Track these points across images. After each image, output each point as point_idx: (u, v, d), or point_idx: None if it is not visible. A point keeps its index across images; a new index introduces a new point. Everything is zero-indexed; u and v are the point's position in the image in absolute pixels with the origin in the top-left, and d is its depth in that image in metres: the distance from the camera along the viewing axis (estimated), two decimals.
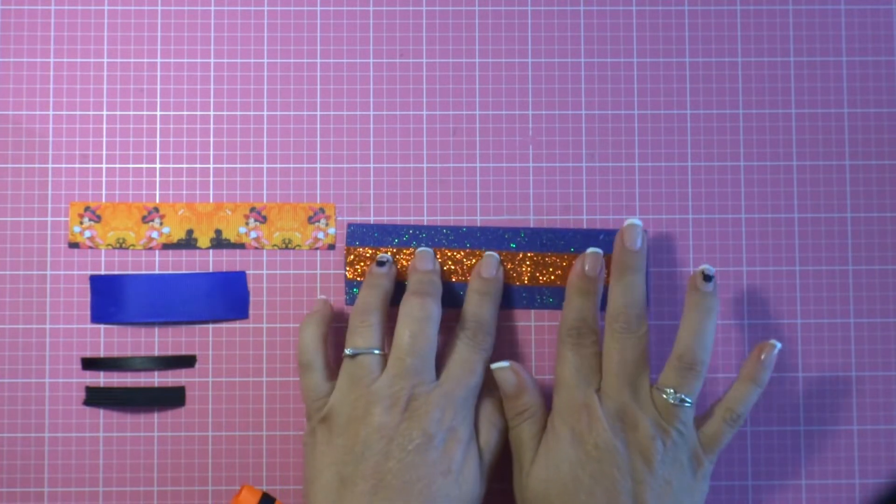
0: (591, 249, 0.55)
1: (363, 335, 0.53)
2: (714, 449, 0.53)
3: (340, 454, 0.51)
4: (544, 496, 0.52)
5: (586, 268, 0.55)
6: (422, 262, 0.56)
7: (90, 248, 0.58)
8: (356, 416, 0.52)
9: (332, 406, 0.52)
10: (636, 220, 0.55)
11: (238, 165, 0.58)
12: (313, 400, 0.53)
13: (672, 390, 0.52)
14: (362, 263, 0.58)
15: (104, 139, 0.58)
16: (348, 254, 0.58)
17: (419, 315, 0.53)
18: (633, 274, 0.54)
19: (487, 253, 0.57)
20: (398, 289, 0.57)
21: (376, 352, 0.53)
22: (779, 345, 0.54)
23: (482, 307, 0.55)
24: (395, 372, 0.52)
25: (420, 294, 0.53)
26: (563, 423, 0.52)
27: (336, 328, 0.57)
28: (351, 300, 0.57)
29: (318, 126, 0.58)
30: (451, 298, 0.57)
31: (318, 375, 0.54)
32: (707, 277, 0.54)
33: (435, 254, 0.57)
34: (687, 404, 0.52)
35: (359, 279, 0.57)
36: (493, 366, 0.54)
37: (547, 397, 0.56)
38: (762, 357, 0.53)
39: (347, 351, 0.53)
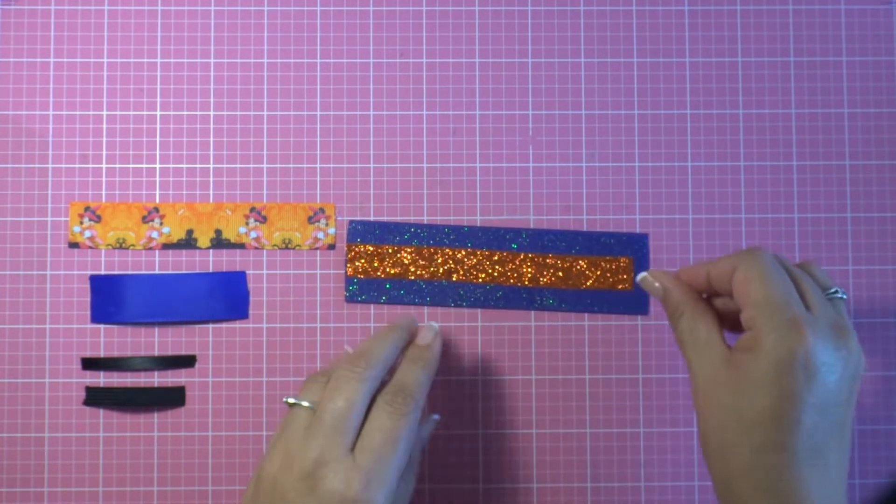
0: None
1: (311, 390, 0.49)
2: None
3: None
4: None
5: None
6: (423, 336, 0.53)
7: (90, 248, 0.58)
8: (274, 471, 0.47)
9: (265, 455, 0.49)
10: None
11: (238, 165, 0.58)
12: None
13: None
14: (363, 261, 0.58)
15: (104, 139, 0.58)
16: (349, 251, 0.58)
17: (348, 375, 0.49)
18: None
19: (427, 324, 0.54)
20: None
21: (311, 407, 0.49)
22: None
23: (408, 373, 0.51)
24: (312, 432, 0.47)
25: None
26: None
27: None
28: (350, 297, 0.57)
29: (318, 126, 0.58)
30: (449, 298, 0.57)
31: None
32: None
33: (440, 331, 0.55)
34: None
35: (359, 276, 0.58)
36: (637, 277, 0.51)
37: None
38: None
39: (288, 400, 0.49)
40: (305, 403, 0.48)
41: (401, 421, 0.48)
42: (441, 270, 0.58)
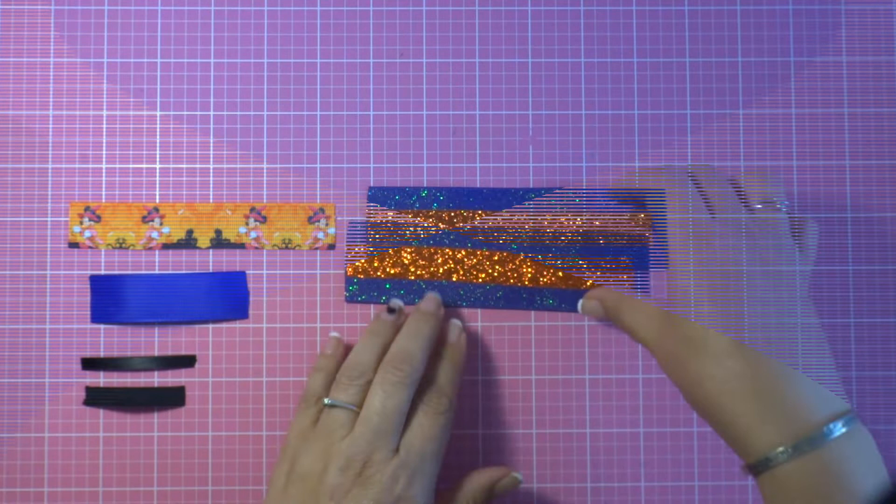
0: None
1: (348, 391, 0.52)
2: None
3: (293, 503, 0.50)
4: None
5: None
6: (426, 303, 0.56)
7: (90, 248, 0.58)
8: (315, 469, 0.50)
9: (298, 451, 0.51)
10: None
11: (238, 165, 0.58)
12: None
13: None
14: (363, 261, 0.58)
15: (104, 139, 0.58)
16: (349, 251, 0.58)
17: (394, 379, 0.52)
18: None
19: (451, 322, 0.56)
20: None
21: (353, 408, 0.52)
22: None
23: (442, 373, 0.54)
24: (359, 432, 0.51)
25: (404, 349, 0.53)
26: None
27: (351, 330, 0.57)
28: (350, 297, 0.57)
29: (318, 126, 0.58)
30: (449, 298, 0.58)
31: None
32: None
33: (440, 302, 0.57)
34: None
35: (359, 276, 0.58)
36: (578, 309, 0.56)
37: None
38: None
39: (327, 401, 0.52)
40: (350, 406, 0.51)
41: (439, 419, 0.52)
42: (441, 270, 0.58)
